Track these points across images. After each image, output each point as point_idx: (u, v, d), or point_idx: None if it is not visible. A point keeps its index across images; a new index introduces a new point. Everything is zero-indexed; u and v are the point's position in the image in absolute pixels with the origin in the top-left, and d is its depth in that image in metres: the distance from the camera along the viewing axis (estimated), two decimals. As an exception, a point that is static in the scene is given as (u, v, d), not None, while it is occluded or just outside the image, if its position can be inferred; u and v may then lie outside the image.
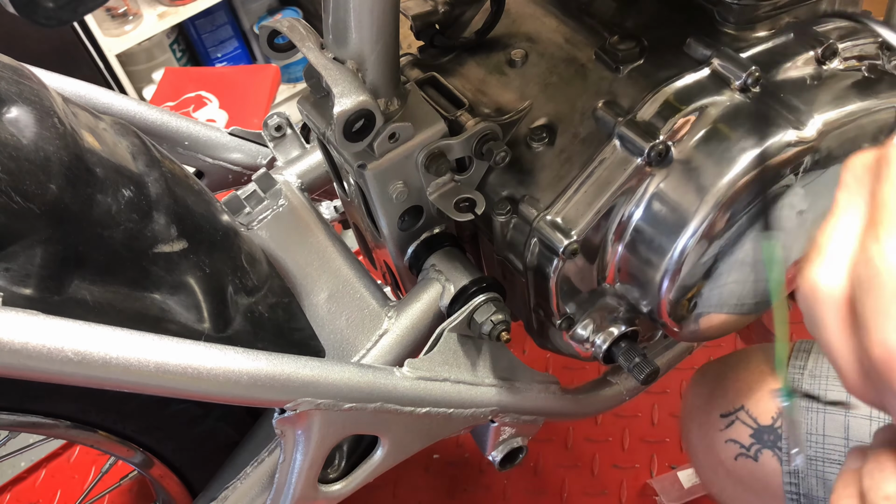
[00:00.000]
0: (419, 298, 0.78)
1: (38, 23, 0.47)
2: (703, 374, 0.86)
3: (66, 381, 0.51)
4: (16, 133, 0.57)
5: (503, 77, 0.81)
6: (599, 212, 0.70)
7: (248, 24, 2.75)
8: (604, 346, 0.78)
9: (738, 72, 0.69)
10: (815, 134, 0.68)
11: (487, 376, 0.79)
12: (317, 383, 0.63)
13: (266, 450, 0.73)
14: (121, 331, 0.53)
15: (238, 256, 0.74)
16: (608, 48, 0.74)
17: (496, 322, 0.75)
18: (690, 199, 0.67)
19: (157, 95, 2.02)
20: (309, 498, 0.73)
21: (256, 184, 0.85)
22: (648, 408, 1.20)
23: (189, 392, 0.57)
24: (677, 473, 1.11)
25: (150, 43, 2.53)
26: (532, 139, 0.75)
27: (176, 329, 0.67)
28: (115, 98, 0.91)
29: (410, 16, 0.83)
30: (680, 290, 0.71)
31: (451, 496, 1.18)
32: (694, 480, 1.09)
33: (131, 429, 0.73)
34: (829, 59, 0.72)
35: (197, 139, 0.95)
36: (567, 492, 1.15)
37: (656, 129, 0.69)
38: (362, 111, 0.64)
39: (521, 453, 0.87)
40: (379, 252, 0.88)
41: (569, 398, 0.91)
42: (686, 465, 1.12)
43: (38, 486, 1.34)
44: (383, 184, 0.72)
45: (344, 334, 0.79)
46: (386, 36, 0.66)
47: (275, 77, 1.99)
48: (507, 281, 0.81)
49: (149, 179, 0.67)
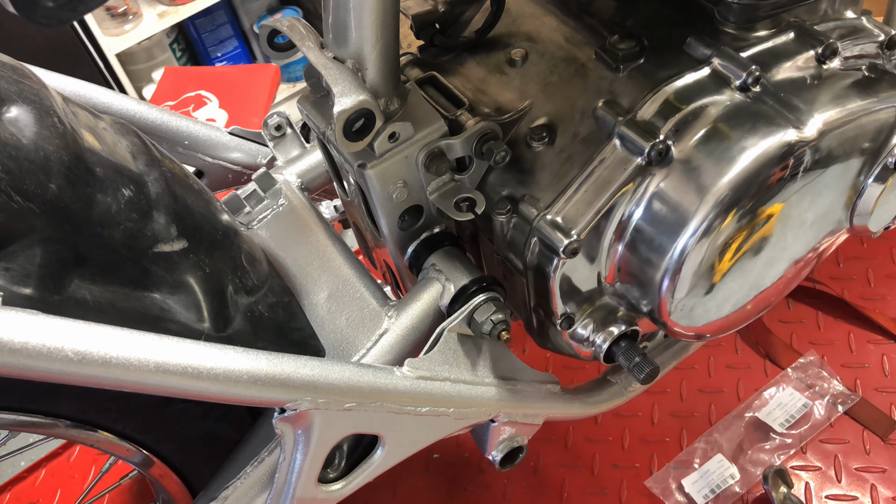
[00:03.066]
0: (419, 298, 0.78)
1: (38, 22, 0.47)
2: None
3: (66, 381, 0.51)
4: (16, 132, 0.57)
5: (503, 76, 0.81)
6: (599, 211, 0.70)
7: (248, 23, 2.75)
8: (604, 345, 0.78)
9: (738, 71, 0.69)
10: (816, 133, 0.68)
11: (487, 376, 0.79)
12: (317, 383, 0.63)
13: (266, 449, 0.73)
14: (120, 330, 0.53)
15: (238, 256, 0.74)
16: (608, 48, 0.74)
17: (496, 321, 0.75)
18: (690, 198, 0.67)
19: (156, 95, 2.02)
20: (309, 497, 0.73)
21: (256, 183, 0.85)
22: (648, 407, 1.20)
23: (189, 391, 0.57)
24: (682, 482, 1.11)
25: (149, 42, 2.53)
26: (532, 139, 0.75)
27: (176, 328, 0.67)
28: (115, 97, 0.91)
29: (410, 15, 0.83)
30: (680, 289, 0.71)
31: (451, 496, 1.18)
32: (705, 493, 1.09)
33: (131, 428, 0.73)
34: (829, 58, 0.72)
35: (197, 138, 0.95)
36: (567, 491, 1.15)
37: (656, 128, 0.69)
38: (362, 111, 0.64)
39: (521, 453, 0.87)
40: (379, 251, 0.88)
41: (569, 397, 0.91)
42: (689, 470, 1.11)
43: (38, 485, 1.34)
44: (383, 183, 0.72)
45: (344, 334, 0.79)
46: (386, 35, 0.66)
47: (275, 76, 1.99)
48: (507, 280, 0.81)
49: (149, 179, 0.67)
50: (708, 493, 1.09)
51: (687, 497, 1.10)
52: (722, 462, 1.12)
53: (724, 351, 1.25)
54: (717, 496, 1.09)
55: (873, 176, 0.75)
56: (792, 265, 0.80)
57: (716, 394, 1.21)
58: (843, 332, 1.25)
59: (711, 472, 1.11)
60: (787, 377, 1.19)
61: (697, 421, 1.18)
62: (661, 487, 1.12)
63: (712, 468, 1.12)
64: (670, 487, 1.12)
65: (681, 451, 1.15)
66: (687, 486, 1.11)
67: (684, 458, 1.14)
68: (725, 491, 1.09)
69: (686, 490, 1.10)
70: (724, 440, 1.15)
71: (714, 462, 1.12)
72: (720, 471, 1.11)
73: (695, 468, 1.12)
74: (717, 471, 1.12)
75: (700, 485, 1.11)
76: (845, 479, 1.08)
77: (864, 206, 0.77)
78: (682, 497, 1.10)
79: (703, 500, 1.09)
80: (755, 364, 1.23)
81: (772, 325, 1.26)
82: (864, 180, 0.75)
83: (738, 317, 0.81)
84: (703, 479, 1.11)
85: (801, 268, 0.82)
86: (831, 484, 1.08)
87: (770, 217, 0.71)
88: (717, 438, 1.15)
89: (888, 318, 1.24)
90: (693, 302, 0.73)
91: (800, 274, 0.84)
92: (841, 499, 1.07)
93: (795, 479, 1.09)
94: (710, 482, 1.10)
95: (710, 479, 1.11)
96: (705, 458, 1.13)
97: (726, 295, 0.76)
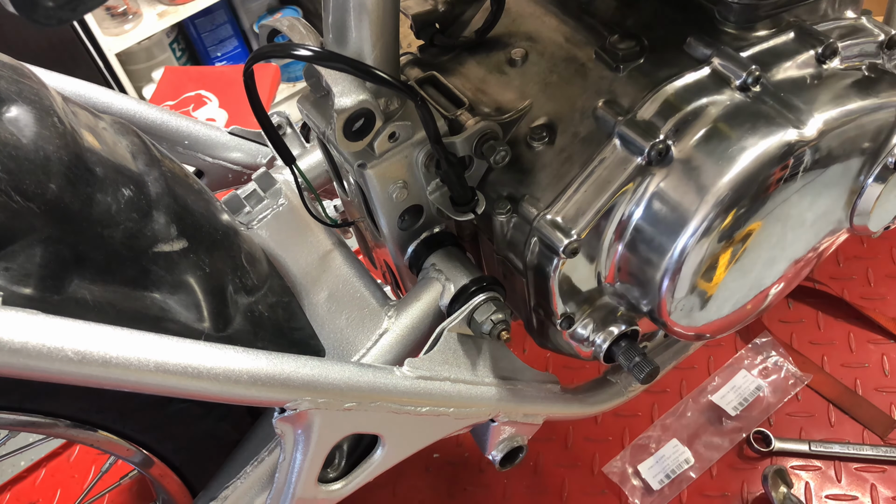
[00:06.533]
0: (419, 298, 0.78)
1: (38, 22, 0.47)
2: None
3: (66, 381, 0.51)
4: (16, 132, 0.57)
5: (503, 76, 0.81)
6: (599, 211, 0.70)
7: (248, 23, 2.75)
8: (604, 345, 0.78)
9: (738, 71, 0.69)
10: (816, 133, 0.68)
11: (487, 375, 0.79)
12: (317, 383, 0.63)
13: (266, 449, 0.73)
14: (120, 330, 0.53)
15: (238, 256, 0.74)
16: (608, 47, 0.74)
17: (496, 321, 0.75)
18: (691, 198, 0.67)
19: (156, 94, 2.02)
20: (309, 497, 0.73)
21: (256, 183, 0.85)
22: (648, 407, 1.20)
23: (189, 391, 0.57)
24: (638, 467, 1.11)
25: (149, 42, 2.53)
26: (532, 138, 0.75)
27: (176, 328, 0.67)
28: (115, 97, 0.91)
29: (410, 15, 0.82)
30: (680, 289, 0.71)
31: (451, 495, 1.18)
32: (660, 478, 1.09)
33: (131, 428, 0.73)
34: (829, 58, 0.72)
35: (197, 138, 0.95)
36: (567, 491, 1.15)
37: (656, 128, 0.68)
38: (362, 110, 0.64)
39: (521, 452, 0.87)
40: (379, 251, 0.88)
41: (569, 397, 0.91)
42: (646, 455, 1.11)
43: (38, 485, 1.34)
44: (383, 183, 0.72)
45: (344, 333, 0.79)
46: (386, 35, 0.66)
47: (274, 76, 1.99)
48: (507, 280, 0.81)
49: (149, 179, 0.67)
50: (663, 479, 1.09)
51: (643, 482, 1.10)
52: (677, 447, 1.12)
53: (724, 351, 1.25)
54: (672, 481, 1.09)
55: (873, 176, 0.75)
56: (792, 265, 0.80)
57: (716, 393, 1.21)
58: (843, 331, 1.25)
59: (667, 458, 1.11)
60: (742, 359, 1.19)
61: (697, 421, 1.18)
62: (618, 473, 1.12)
63: (668, 453, 1.12)
64: (627, 473, 1.12)
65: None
66: (643, 471, 1.11)
67: (642, 442, 1.14)
68: (680, 476, 1.09)
69: (643, 475, 1.11)
70: (680, 424, 1.15)
71: (670, 447, 1.12)
72: (675, 455, 1.11)
73: (651, 453, 1.12)
74: (672, 456, 1.12)
75: (656, 470, 1.11)
76: (845, 478, 1.08)
77: (864, 205, 0.77)
78: (639, 482, 1.11)
79: (659, 485, 1.09)
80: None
81: (772, 325, 1.26)
82: (864, 180, 0.75)
83: (738, 317, 0.81)
84: (659, 465, 1.11)
85: (801, 268, 0.82)
86: (831, 484, 1.08)
87: (770, 217, 0.71)
88: (673, 422, 1.15)
89: (888, 317, 1.24)
90: (693, 302, 0.73)
91: (800, 274, 0.84)
92: (841, 499, 1.07)
93: (795, 479, 1.09)
94: (665, 467, 1.10)
95: (665, 465, 1.11)
96: (661, 443, 1.13)
97: (726, 295, 0.76)
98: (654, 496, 1.09)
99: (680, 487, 1.09)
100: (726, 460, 1.12)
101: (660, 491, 1.09)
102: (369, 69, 0.62)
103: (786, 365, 1.18)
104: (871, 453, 1.09)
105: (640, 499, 1.09)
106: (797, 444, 1.11)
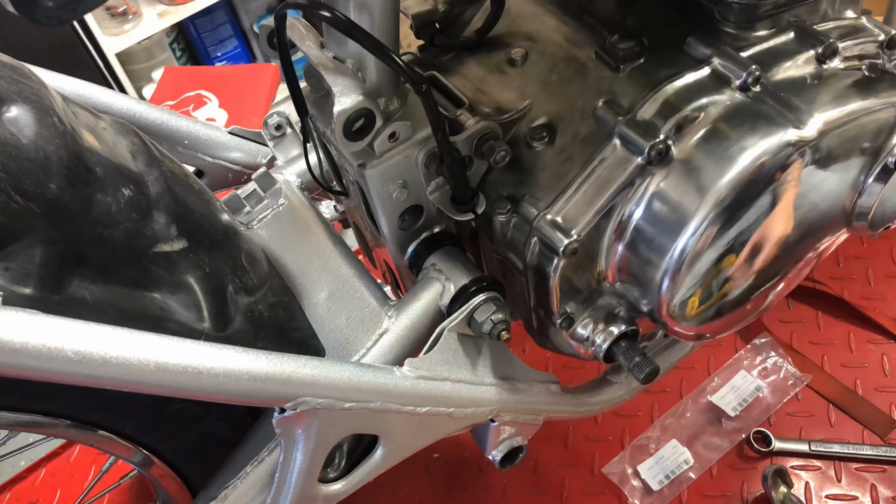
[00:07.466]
0: (419, 297, 0.78)
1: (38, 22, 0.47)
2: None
3: (66, 381, 0.51)
4: (15, 132, 0.57)
5: (503, 76, 0.81)
6: (600, 211, 0.70)
7: (248, 22, 2.75)
8: (604, 345, 0.78)
9: (738, 71, 0.69)
10: (816, 133, 0.68)
11: (487, 375, 0.79)
12: (317, 383, 0.63)
13: (266, 449, 0.73)
14: (120, 330, 0.53)
15: (238, 256, 0.74)
16: (608, 47, 0.74)
17: (496, 321, 0.75)
18: (691, 198, 0.67)
19: (156, 94, 2.02)
20: (309, 497, 0.73)
21: (256, 183, 0.85)
22: (648, 407, 1.20)
23: (189, 391, 0.57)
24: (637, 468, 1.11)
25: (149, 42, 2.53)
26: (532, 138, 0.75)
27: (176, 328, 0.67)
28: (115, 97, 0.90)
29: (410, 15, 0.82)
30: (680, 289, 0.71)
31: (451, 495, 1.18)
32: (660, 478, 1.09)
33: (131, 428, 0.73)
34: (829, 58, 0.72)
35: (197, 138, 0.95)
36: (567, 491, 1.15)
37: (656, 128, 0.68)
38: (362, 110, 0.64)
39: (521, 452, 0.87)
40: (379, 251, 0.88)
41: (569, 397, 0.91)
42: (645, 455, 1.11)
43: (38, 485, 1.34)
44: (383, 183, 0.72)
45: (344, 333, 0.79)
46: (386, 35, 0.66)
47: (274, 76, 1.99)
48: (506, 280, 0.81)
49: (149, 178, 0.67)
50: (663, 479, 1.09)
51: (643, 483, 1.10)
52: (677, 447, 1.12)
53: (724, 351, 1.25)
54: (671, 481, 1.09)
55: (873, 176, 0.75)
56: (792, 265, 0.80)
57: (716, 393, 1.21)
58: (843, 331, 1.25)
59: (666, 458, 1.11)
60: (741, 359, 1.19)
61: (697, 421, 1.18)
62: (618, 474, 1.12)
63: (667, 453, 1.12)
64: (627, 473, 1.12)
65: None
66: (643, 471, 1.11)
67: (641, 443, 1.14)
68: (680, 476, 1.09)
69: (642, 476, 1.11)
70: (680, 425, 1.15)
71: (669, 447, 1.12)
72: (675, 456, 1.11)
73: (651, 453, 1.12)
74: (671, 456, 1.11)
75: (655, 470, 1.11)
76: (845, 478, 1.08)
77: (863, 205, 0.77)
78: (639, 482, 1.10)
79: (659, 485, 1.09)
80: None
81: (771, 326, 1.26)
82: (864, 180, 0.75)
83: (738, 317, 0.81)
84: (659, 465, 1.11)
85: (800, 268, 0.82)
86: (831, 484, 1.08)
87: (770, 217, 0.71)
88: (673, 423, 1.15)
89: (888, 317, 1.24)
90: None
91: (800, 274, 0.84)
92: (841, 498, 1.07)
93: (795, 479, 1.09)
94: (665, 468, 1.10)
95: (665, 465, 1.11)
96: (661, 444, 1.13)
97: (726, 295, 0.76)
98: (654, 496, 1.09)
99: (680, 488, 1.09)
100: (726, 460, 1.12)
101: (659, 491, 1.09)
102: (382, 47, 0.62)
103: (785, 365, 1.18)
104: (871, 453, 1.09)
105: (640, 499, 1.09)
106: (797, 444, 1.11)
